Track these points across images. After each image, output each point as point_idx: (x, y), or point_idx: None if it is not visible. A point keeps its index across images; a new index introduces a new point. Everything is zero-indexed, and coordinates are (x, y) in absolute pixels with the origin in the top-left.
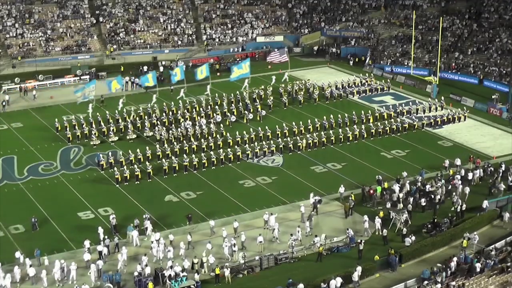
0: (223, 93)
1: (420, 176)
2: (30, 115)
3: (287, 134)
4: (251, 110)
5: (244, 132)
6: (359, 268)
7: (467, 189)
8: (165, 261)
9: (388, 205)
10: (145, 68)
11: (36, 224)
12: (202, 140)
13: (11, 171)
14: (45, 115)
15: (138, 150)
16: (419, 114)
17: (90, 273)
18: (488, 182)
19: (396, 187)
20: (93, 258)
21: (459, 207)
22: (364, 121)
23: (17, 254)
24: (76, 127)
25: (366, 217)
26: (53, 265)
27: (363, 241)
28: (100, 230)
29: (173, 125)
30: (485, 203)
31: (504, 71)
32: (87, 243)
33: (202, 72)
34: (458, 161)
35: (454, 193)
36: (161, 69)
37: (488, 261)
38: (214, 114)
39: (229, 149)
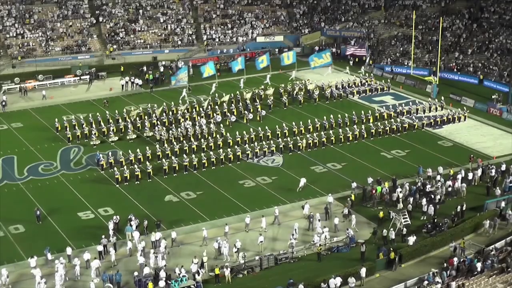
0: (223, 93)
1: (418, 173)
2: (30, 115)
3: (287, 134)
4: (251, 110)
5: (244, 132)
6: (363, 270)
7: (464, 186)
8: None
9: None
10: (145, 68)
11: (40, 216)
12: (202, 140)
13: (11, 171)
14: (45, 115)
15: (138, 150)
16: (419, 114)
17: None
18: (486, 182)
19: (398, 189)
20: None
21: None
22: (364, 121)
23: (49, 256)
24: (76, 127)
25: (318, 215)
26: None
27: (364, 244)
28: (111, 226)
29: (173, 125)
30: (502, 204)
31: (505, 72)
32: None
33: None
34: (438, 171)
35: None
36: (161, 69)
37: (488, 261)
38: (214, 114)
39: (229, 149)
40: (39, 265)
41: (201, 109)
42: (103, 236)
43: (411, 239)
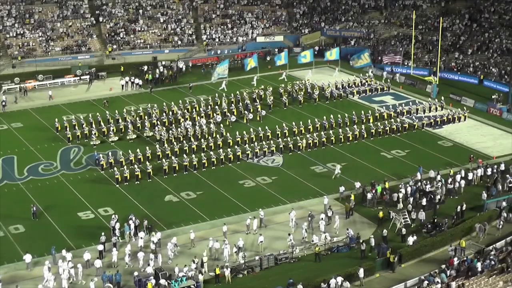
0: (223, 93)
1: (418, 173)
2: (30, 115)
3: (287, 134)
4: (251, 110)
5: (244, 132)
6: (361, 270)
7: (462, 183)
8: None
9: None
10: (145, 68)
11: (36, 213)
12: (202, 140)
13: (11, 171)
14: (45, 115)
15: (138, 150)
16: (419, 114)
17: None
18: (485, 182)
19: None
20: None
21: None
22: (364, 121)
23: (64, 252)
24: (76, 127)
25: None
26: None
27: (364, 242)
28: (118, 226)
29: (173, 125)
30: (503, 204)
31: (504, 71)
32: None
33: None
34: (418, 176)
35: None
36: (161, 69)
37: (488, 261)
38: (214, 114)
39: (229, 149)
40: (33, 263)
41: (201, 109)
42: (103, 233)
43: (411, 239)
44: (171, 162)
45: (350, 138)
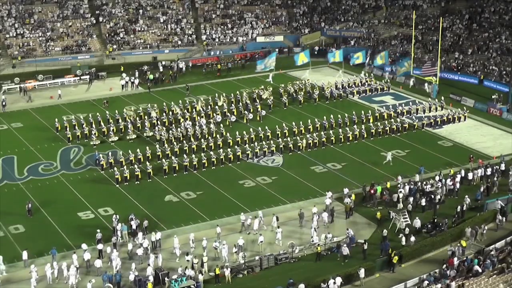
0: (223, 93)
1: (419, 173)
2: (30, 115)
3: (287, 134)
4: (251, 110)
5: (244, 132)
6: (362, 270)
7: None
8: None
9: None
10: (145, 68)
11: (31, 210)
12: (202, 140)
13: (11, 171)
14: (45, 115)
15: (138, 150)
16: (419, 114)
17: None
18: (486, 182)
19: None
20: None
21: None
22: (364, 121)
23: (84, 246)
24: (76, 127)
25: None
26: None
27: (366, 242)
28: (119, 227)
29: (173, 125)
30: (499, 203)
31: (504, 71)
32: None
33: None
34: (400, 178)
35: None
36: (161, 69)
37: (488, 261)
38: (214, 114)
39: (229, 149)
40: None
41: (201, 109)
42: (98, 230)
43: (403, 240)
44: (171, 162)
45: (350, 138)
